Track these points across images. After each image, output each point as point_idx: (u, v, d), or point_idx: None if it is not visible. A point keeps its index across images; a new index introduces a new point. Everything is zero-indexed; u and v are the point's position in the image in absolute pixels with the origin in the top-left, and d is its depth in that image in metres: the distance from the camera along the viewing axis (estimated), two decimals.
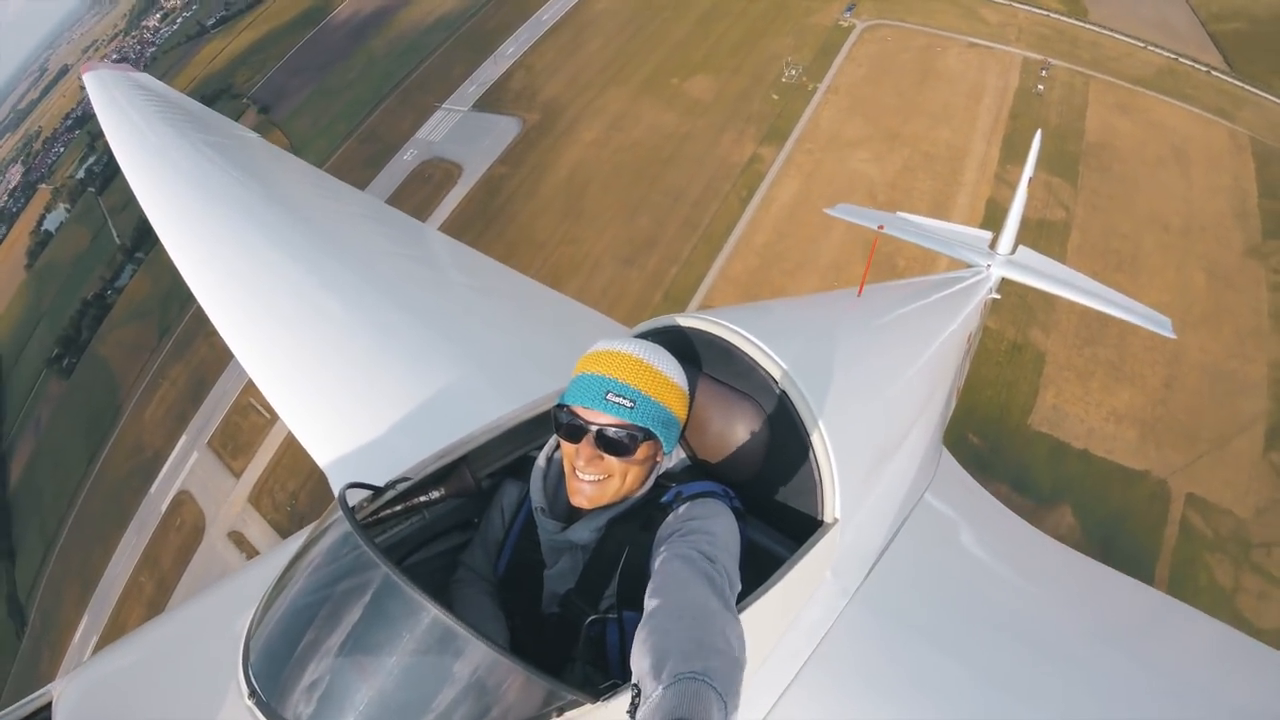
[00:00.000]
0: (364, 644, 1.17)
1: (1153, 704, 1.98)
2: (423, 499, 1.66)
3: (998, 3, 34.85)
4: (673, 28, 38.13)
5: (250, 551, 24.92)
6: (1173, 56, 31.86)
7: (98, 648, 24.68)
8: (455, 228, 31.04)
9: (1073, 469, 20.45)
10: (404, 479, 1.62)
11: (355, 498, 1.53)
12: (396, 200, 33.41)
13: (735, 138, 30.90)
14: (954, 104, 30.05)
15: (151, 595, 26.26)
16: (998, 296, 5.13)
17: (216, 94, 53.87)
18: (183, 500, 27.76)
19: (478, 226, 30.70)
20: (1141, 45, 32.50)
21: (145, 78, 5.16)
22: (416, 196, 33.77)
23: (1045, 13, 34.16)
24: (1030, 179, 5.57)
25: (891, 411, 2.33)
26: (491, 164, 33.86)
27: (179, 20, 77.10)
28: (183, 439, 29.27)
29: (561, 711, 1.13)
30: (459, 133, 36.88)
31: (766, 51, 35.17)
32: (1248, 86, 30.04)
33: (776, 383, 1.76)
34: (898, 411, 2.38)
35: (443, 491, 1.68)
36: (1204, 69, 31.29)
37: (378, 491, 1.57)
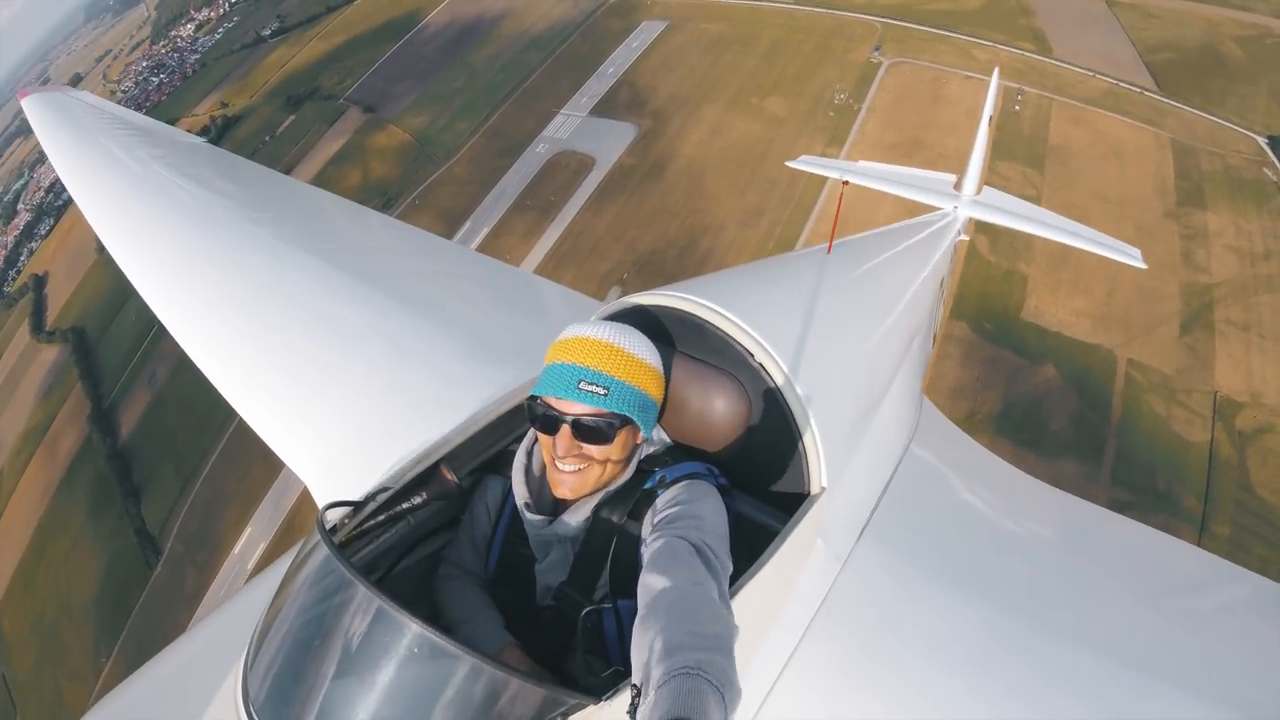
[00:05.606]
0: (363, 672, 1.12)
1: (1121, 599, 2.05)
2: (405, 506, 1.57)
3: (985, 44, 41.19)
4: (744, 60, 44.18)
5: None
6: (1115, 82, 37.51)
7: (266, 552, 27.82)
8: (602, 199, 37.21)
9: (1051, 343, 27.17)
10: (383, 489, 1.55)
11: (336, 515, 1.45)
12: (539, 181, 38.98)
13: (808, 142, 36.85)
14: (957, 120, 35.99)
15: None
16: (966, 238, 4.85)
17: (306, 95, 55.01)
18: None
19: (621, 200, 36.74)
20: (1092, 74, 38.23)
21: (84, 94, 4.71)
22: (558, 179, 38.74)
23: (1021, 51, 40.57)
24: (991, 119, 5.37)
25: (871, 368, 2.26)
26: (619, 156, 39.03)
27: (220, 30, 76.40)
28: None
29: (565, 716, 1.09)
30: (583, 132, 41.53)
31: (820, 80, 41.34)
32: (1171, 101, 36.02)
33: (751, 355, 1.68)
34: (878, 367, 2.31)
35: (424, 496, 1.59)
36: (1138, 90, 36.96)
37: (358, 506, 1.50)
